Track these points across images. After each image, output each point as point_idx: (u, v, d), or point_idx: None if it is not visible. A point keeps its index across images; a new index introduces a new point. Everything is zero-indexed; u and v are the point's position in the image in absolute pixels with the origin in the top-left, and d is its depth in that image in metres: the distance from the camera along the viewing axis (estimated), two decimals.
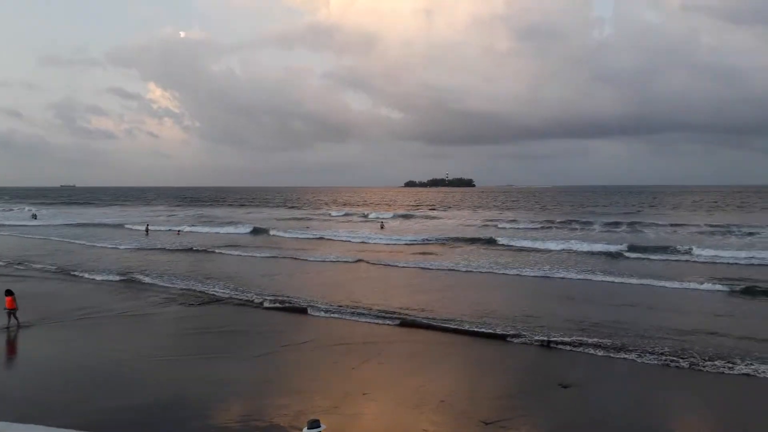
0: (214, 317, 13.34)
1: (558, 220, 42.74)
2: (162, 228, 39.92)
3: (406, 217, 52.68)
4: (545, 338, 10.77)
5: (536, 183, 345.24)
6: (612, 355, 9.86)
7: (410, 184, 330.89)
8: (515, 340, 10.86)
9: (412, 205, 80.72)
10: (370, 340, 11.08)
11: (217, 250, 26.64)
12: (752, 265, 20.64)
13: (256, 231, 37.04)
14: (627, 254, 23.86)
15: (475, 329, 11.58)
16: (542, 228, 37.66)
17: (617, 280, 17.66)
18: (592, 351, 10.08)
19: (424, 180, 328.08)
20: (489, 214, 55.80)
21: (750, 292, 15.40)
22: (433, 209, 68.26)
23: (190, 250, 27.28)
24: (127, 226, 42.57)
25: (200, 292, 16.21)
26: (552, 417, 7.30)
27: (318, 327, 12.20)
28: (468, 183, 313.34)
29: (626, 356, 9.76)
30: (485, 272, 19.54)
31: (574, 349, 10.24)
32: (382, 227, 41.12)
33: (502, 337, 11.04)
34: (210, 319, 13.08)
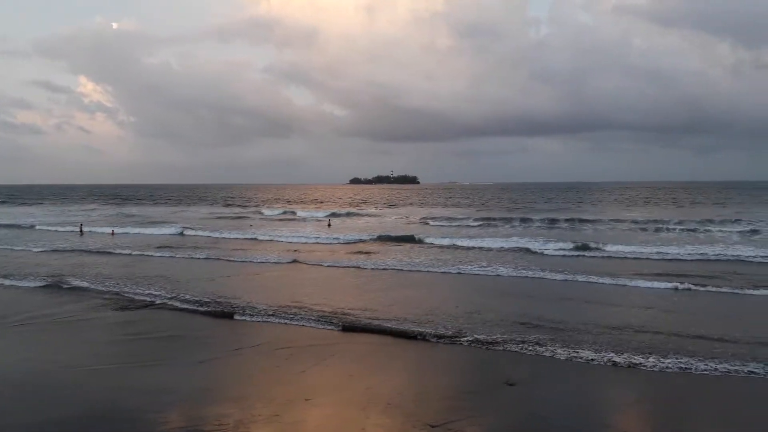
0: (149, 322, 12.73)
1: (497, 217, 43.21)
2: (96, 229, 37.98)
3: (348, 215, 51.84)
4: (487, 337, 10.85)
5: (479, 180, 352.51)
6: (555, 351, 10.03)
7: (355, 181, 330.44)
8: (461, 340, 10.87)
9: (356, 203, 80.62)
10: (312, 344, 10.85)
11: (150, 252, 25.61)
12: (695, 260, 21.49)
13: (188, 231, 35.56)
14: (565, 251, 24.50)
15: (420, 329, 11.51)
16: (481, 226, 38.02)
17: (558, 277, 18.04)
18: (535, 348, 10.21)
19: (370, 177, 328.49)
20: (432, 211, 56.40)
21: (690, 288, 15.95)
22: (377, 206, 68.44)
23: (124, 251, 26.08)
24: (49, 228, 40.22)
25: (134, 295, 15.48)
26: (499, 416, 7.34)
27: (257, 331, 11.81)
28: (412, 180, 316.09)
29: (568, 353, 9.94)
30: (425, 271, 19.49)
31: (520, 347, 10.33)
32: (329, 225, 40.69)
33: (447, 337, 11.02)
34: (145, 325, 12.48)
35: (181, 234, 34.80)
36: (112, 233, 35.31)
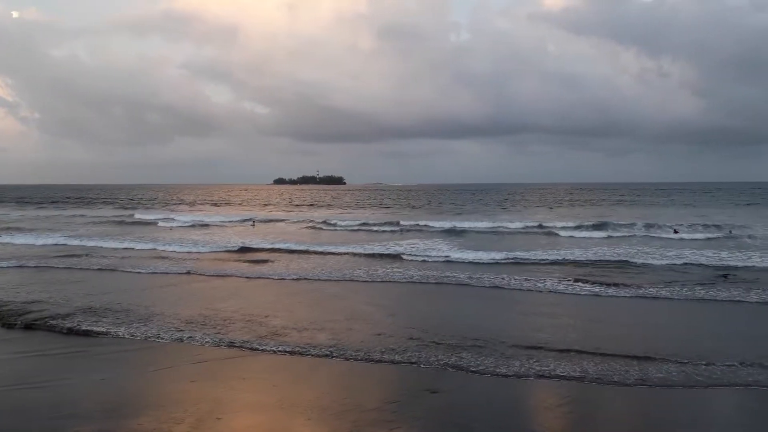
0: (37, 341, 11.59)
1: (403, 223, 41.08)
2: None
3: (265, 221, 47.42)
4: (399, 348, 10.68)
5: (405, 181, 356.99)
6: (466, 357, 10.01)
7: (280, 181, 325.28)
8: (378, 349, 10.59)
9: (280, 205, 79.20)
10: (226, 357, 10.23)
11: (40, 263, 23.12)
12: (605, 260, 22.30)
13: (74, 240, 31.24)
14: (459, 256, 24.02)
15: (336, 340, 11.16)
16: (387, 231, 36.63)
17: (464, 279, 18.21)
18: (453, 356, 10.14)
19: (295, 177, 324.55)
20: (344, 214, 56.18)
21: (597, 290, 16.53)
22: (291, 209, 67.35)
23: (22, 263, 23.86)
24: None
25: (20, 311, 14.11)
26: (423, 425, 7.15)
27: (160, 349, 10.94)
28: (339, 181, 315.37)
29: (483, 361, 9.94)
30: (324, 279, 18.76)
31: (417, 357, 10.20)
32: (253, 224, 39.42)
33: (361, 351, 10.70)
34: (36, 344, 11.32)
35: (64, 245, 29.89)
36: None
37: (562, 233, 32.89)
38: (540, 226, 36.27)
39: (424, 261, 22.66)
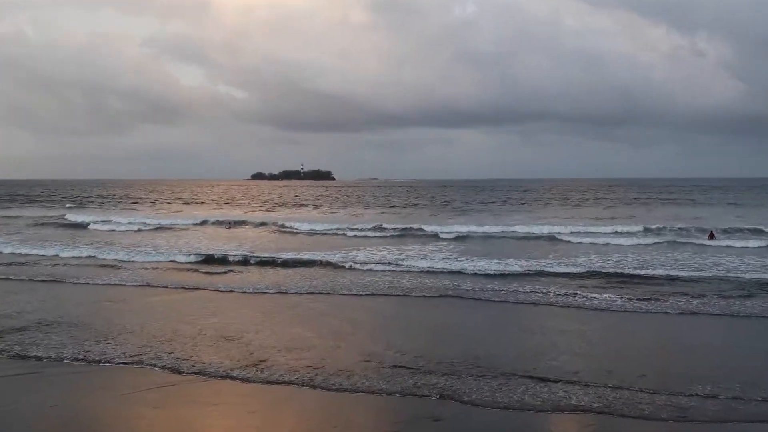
0: None
1: (397, 226, 40.57)
2: None
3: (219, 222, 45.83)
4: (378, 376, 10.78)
5: (402, 176, 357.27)
6: (469, 384, 10.12)
7: (259, 176, 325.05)
8: (368, 375, 10.72)
9: (256, 204, 79.10)
10: (189, 381, 10.44)
11: None
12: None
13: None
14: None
15: (320, 364, 11.26)
16: (379, 236, 36.63)
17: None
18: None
19: (276, 171, 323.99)
20: (326, 217, 56.15)
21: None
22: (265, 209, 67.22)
23: None
24: None
25: None
26: None
27: (119, 372, 11.02)
28: (326, 176, 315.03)
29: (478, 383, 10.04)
30: (306, 293, 18.80)
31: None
32: (229, 227, 39.97)
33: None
34: None
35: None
36: None
37: (579, 239, 33.02)
38: (551, 231, 36.42)
39: (419, 270, 22.71)
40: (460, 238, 34.70)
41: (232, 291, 19.12)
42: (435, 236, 35.66)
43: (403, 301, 17.58)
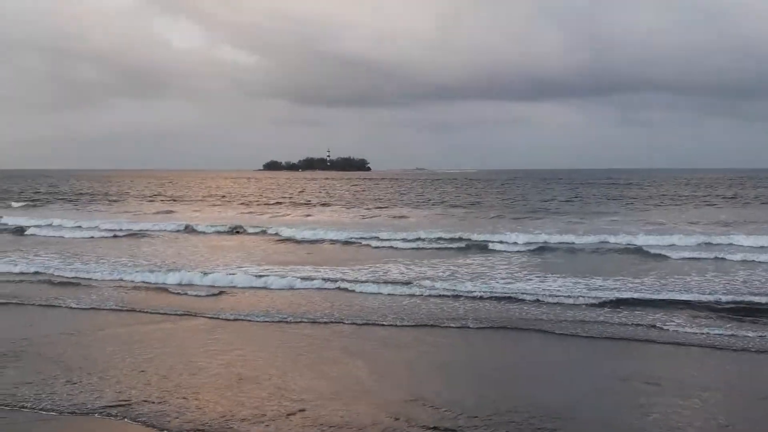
0: None
1: (460, 235, 40.37)
2: None
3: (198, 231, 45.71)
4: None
5: (456, 165, 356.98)
6: None
7: (273, 166, 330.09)
8: None
9: (271, 203, 79.94)
10: None
11: None
12: None
13: None
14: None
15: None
16: (425, 248, 37.24)
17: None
18: None
19: (295, 160, 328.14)
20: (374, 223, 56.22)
21: None
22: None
23: None
24: None
25: None
26: None
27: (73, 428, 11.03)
28: (360, 165, 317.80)
29: None
30: (336, 321, 18.98)
31: None
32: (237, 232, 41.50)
33: None
34: None
35: None
36: None
37: (707, 253, 31.96)
38: (663, 242, 35.52)
39: (477, 294, 22.40)
40: (536, 249, 34.32)
41: (237, 319, 19.14)
42: (500, 247, 35.31)
43: (455, 335, 17.37)
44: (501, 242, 36.68)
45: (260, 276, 26.29)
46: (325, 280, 25.29)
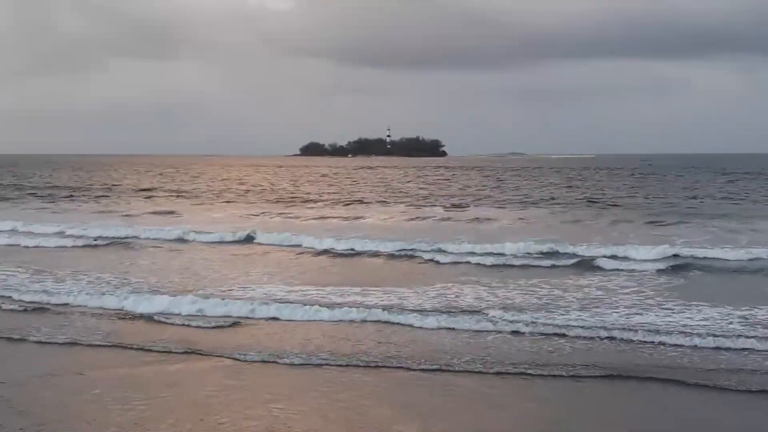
0: None
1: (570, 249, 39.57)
2: None
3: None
4: None
5: (567, 148, 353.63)
6: None
7: (314, 149, 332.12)
8: None
9: (310, 199, 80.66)
10: None
11: None
12: None
13: None
14: None
15: None
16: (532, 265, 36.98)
17: None
18: None
19: (343, 143, 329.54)
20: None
21: None
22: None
23: None
24: None
25: None
26: None
27: None
28: (432, 149, 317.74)
29: None
30: (399, 367, 19.09)
31: None
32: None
33: None
34: None
35: None
36: None
37: None
38: None
39: (591, 334, 22.03)
40: (673, 267, 33.84)
41: (263, 361, 19.32)
42: (625, 264, 35.04)
43: (563, 387, 17.30)
44: (625, 258, 36.49)
45: (287, 302, 26.40)
46: (376, 308, 25.45)
